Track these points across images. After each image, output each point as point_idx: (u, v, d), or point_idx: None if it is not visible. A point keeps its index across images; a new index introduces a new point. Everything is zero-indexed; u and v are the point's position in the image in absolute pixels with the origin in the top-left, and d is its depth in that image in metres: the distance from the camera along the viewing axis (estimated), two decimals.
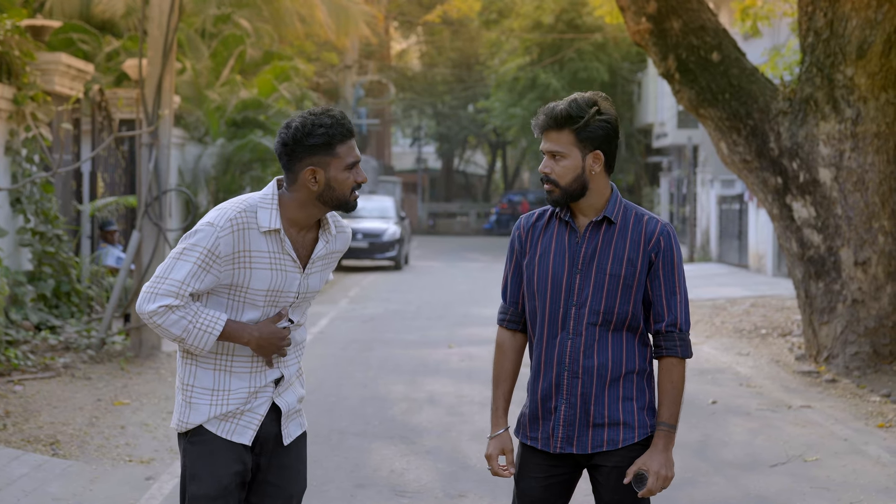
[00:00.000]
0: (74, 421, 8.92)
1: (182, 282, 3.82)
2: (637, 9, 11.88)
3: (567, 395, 3.93)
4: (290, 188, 3.93)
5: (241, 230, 3.85)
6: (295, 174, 3.89)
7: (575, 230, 3.96)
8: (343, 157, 3.87)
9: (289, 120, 3.91)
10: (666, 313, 3.93)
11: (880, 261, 11.30)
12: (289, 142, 3.86)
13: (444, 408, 9.88)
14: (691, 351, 3.96)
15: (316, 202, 3.91)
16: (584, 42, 39.87)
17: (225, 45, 22.22)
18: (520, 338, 4.10)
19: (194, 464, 3.95)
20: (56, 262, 13.05)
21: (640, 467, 3.87)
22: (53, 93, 13.69)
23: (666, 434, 3.90)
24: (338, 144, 3.86)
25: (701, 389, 10.84)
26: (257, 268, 3.88)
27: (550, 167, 3.90)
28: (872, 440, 8.61)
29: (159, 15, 11.87)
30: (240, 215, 3.86)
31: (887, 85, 11.19)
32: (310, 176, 3.86)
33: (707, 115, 11.93)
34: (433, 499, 7.02)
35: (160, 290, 3.82)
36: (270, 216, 3.89)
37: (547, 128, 3.90)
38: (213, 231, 3.83)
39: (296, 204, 3.91)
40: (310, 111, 3.89)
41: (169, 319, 3.82)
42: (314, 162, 3.86)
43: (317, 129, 3.83)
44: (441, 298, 20.41)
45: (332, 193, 3.89)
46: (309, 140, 3.83)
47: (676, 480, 7.41)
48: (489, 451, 4.03)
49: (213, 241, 3.82)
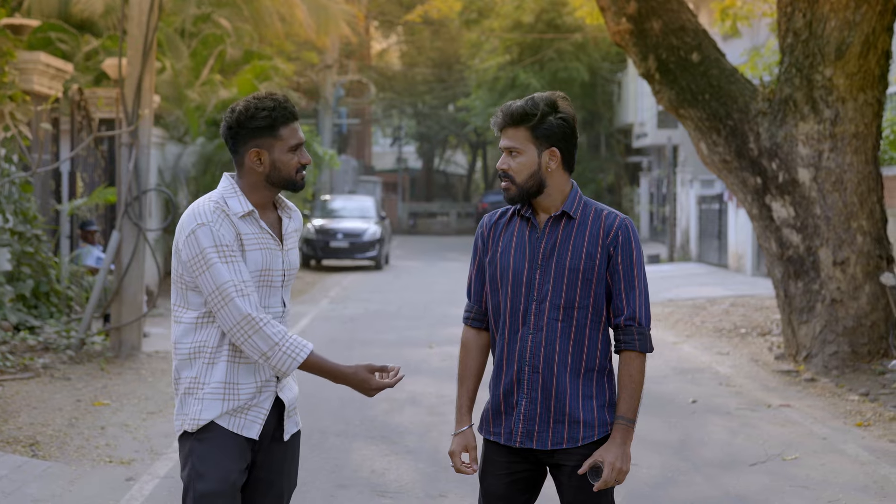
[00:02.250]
0: (54, 422, 8.89)
1: (243, 281, 3.92)
2: (617, 9, 11.91)
3: (528, 389, 3.96)
4: (239, 173, 4.04)
5: (226, 217, 3.94)
6: (241, 156, 3.99)
7: (535, 226, 4.00)
8: (286, 139, 3.98)
9: (233, 104, 4.01)
10: (625, 307, 3.95)
11: (859, 260, 11.36)
12: (233, 125, 3.96)
13: (424, 408, 9.88)
14: (651, 345, 3.98)
15: (265, 184, 4.01)
16: (564, 42, 39.92)
17: (205, 44, 22.16)
18: (484, 336, 4.14)
19: (203, 461, 3.94)
20: (35, 262, 12.99)
21: (596, 459, 3.89)
22: (32, 92, 13.64)
23: (624, 428, 3.93)
24: (281, 127, 3.96)
25: (680, 389, 10.87)
26: (250, 250, 3.97)
27: (507, 163, 3.96)
28: (851, 439, 8.66)
29: (139, 14, 11.84)
30: (216, 206, 3.95)
31: (865, 85, 11.25)
32: (255, 158, 3.97)
33: (687, 115, 11.97)
34: (414, 499, 7.02)
35: (244, 292, 3.90)
36: (240, 201, 3.99)
37: (505, 125, 3.96)
38: (207, 228, 3.90)
39: (249, 188, 4.01)
40: (253, 95, 3.98)
41: (268, 328, 3.91)
42: (258, 144, 3.96)
43: (260, 112, 3.93)
44: (421, 298, 20.41)
45: (278, 174, 3.99)
46: (252, 123, 3.94)
47: (656, 479, 7.45)
48: (452, 448, 4.07)
49: (215, 236, 3.90)
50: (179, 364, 4.05)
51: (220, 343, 3.98)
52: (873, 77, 11.26)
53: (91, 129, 15.57)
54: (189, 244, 3.92)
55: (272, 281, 4.04)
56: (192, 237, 3.91)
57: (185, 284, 3.99)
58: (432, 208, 58.06)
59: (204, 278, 3.90)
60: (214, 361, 3.99)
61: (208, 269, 3.88)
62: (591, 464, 3.89)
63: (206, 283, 3.90)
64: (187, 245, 3.92)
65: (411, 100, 57.10)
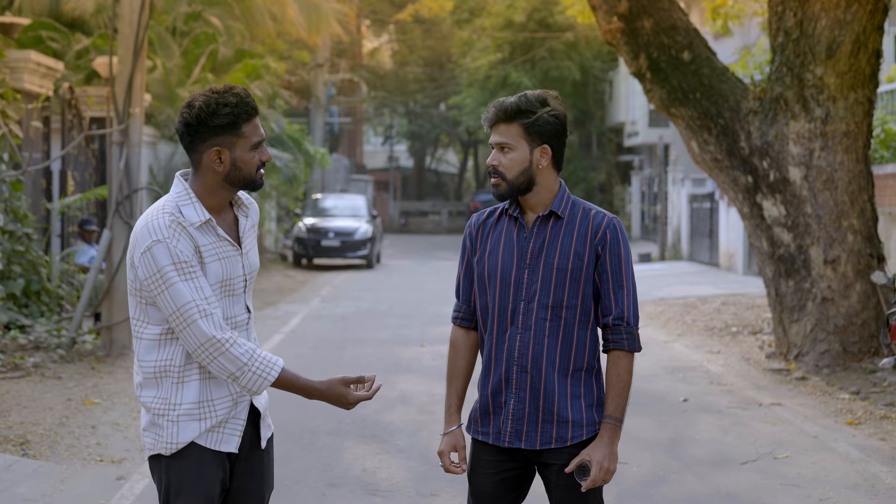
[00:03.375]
0: (45, 421, 8.87)
1: (205, 299, 3.70)
2: (608, 8, 11.92)
3: (516, 389, 3.96)
4: (195, 173, 3.79)
5: (183, 230, 3.70)
6: (199, 155, 3.75)
7: (523, 225, 3.99)
8: (248, 136, 3.75)
9: (190, 99, 3.75)
10: (613, 307, 3.95)
11: (849, 259, 11.38)
12: (192, 122, 3.71)
13: (415, 406, 9.88)
14: (639, 345, 3.99)
15: (223, 184, 3.78)
16: (555, 41, 39.95)
17: (196, 43, 22.14)
18: (473, 335, 4.14)
19: (180, 479, 3.79)
20: (26, 260, 12.96)
21: (583, 458, 3.89)
22: (23, 91, 13.61)
23: (612, 427, 3.93)
24: (243, 124, 3.72)
25: (672, 387, 10.88)
26: (209, 262, 3.75)
27: (498, 159, 3.94)
28: (841, 437, 8.67)
29: (130, 13, 11.82)
30: (171, 219, 3.70)
31: (856, 84, 11.27)
32: (215, 157, 3.73)
33: (678, 114, 11.98)
34: (405, 497, 7.02)
35: (207, 311, 3.68)
36: (195, 209, 3.75)
37: (497, 121, 3.94)
38: (163, 245, 3.67)
39: (205, 190, 3.78)
40: (211, 89, 3.73)
41: (235, 349, 3.69)
42: (219, 142, 3.72)
43: (222, 109, 3.68)
44: (413, 297, 20.41)
45: (239, 174, 3.76)
46: (214, 120, 3.69)
47: (647, 478, 7.46)
48: (441, 448, 4.07)
49: (172, 252, 3.67)
50: (144, 381, 3.82)
51: (188, 360, 3.78)
52: (864, 76, 11.28)
53: (82, 127, 15.55)
54: (145, 262, 3.68)
55: (234, 289, 3.83)
56: (147, 255, 3.67)
57: (144, 299, 3.76)
58: (424, 207, 58.06)
59: (163, 298, 3.67)
60: (184, 380, 3.78)
61: (167, 288, 3.65)
62: (578, 463, 3.89)
63: (165, 303, 3.68)
64: (143, 263, 3.69)
65: (403, 98, 57.10)
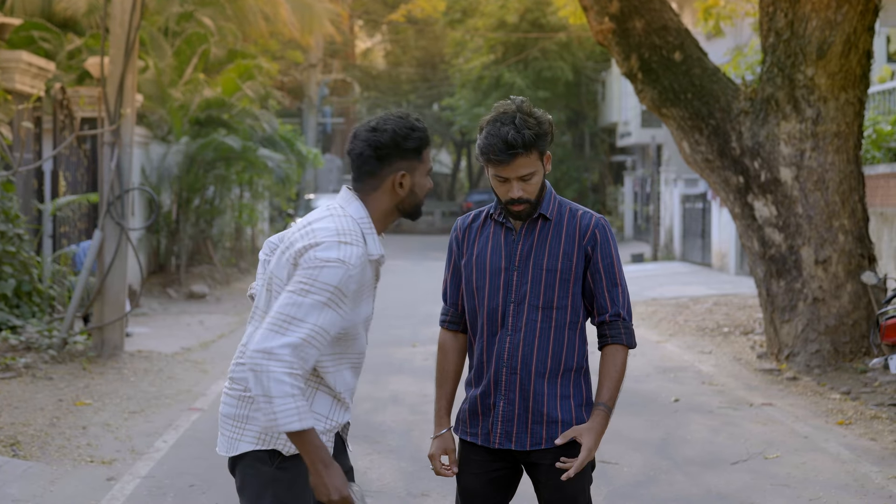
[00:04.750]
0: (35, 421, 8.86)
1: (316, 325, 3.49)
2: (600, 8, 11.92)
3: (506, 391, 3.97)
4: (369, 195, 3.69)
5: (365, 267, 3.61)
6: (381, 179, 3.67)
7: (511, 228, 4.01)
8: (427, 162, 3.74)
9: (374, 124, 3.70)
10: (609, 305, 3.99)
11: (840, 259, 11.40)
12: (384, 146, 3.65)
13: (407, 407, 9.88)
14: (635, 340, 4.03)
15: (394, 210, 3.72)
16: (548, 41, 39.97)
17: (188, 43, 22.11)
18: (461, 338, 4.16)
19: (285, 494, 3.63)
20: (17, 261, 12.93)
21: (575, 436, 3.89)
22: (14, 91, 13.59)
23: (605, 414, 3.96)
24: (425, 149, 3.73)
25: (663, 387, 10.89)
26: (366, 299, 3.67)
27: (523, 189, 3.92)
28: (832, 437, 8.69)
29: (121, 13, 11.80)
30: (363, 251, 3.58)
31: (847, 85, 11.29)
32: (399, 181, 3.67)
33: (669, 114, 11.99)
34: (396, 498, 7.02)
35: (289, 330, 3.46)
36: (375, 242, 3.66)
37: (517, 154, 3.88)
38: (345, 270, 3.52)
39: (378, 215, 3.70)
40: (394, 114, 3.72)
41: (282, 374, 3.43)
42: (404, 167, 3.68)
43: (412, 133, 3.67)
44: (405, 297, 20.40)
45: (413, 200, 3.73)
46: (406, 143, 3.66)
47: (638, 478, 7.47)
48: (432, 451, 4.07)
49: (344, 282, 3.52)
50: None
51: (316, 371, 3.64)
52: (855, 77, 11.30)
53: (73, 128, 15.53)
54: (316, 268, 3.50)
55: (369, 323, 3.74)
56: (324, 266, 3.50)
57: None
58: None
59: (294, 298, 3.48)
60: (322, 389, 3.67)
61: (309, 298, 3.48)
62: (570, 437, 3.90)
63: (291, 302, 3.48)
64: (312, 267, 3.51)
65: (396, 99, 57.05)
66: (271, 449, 3.63)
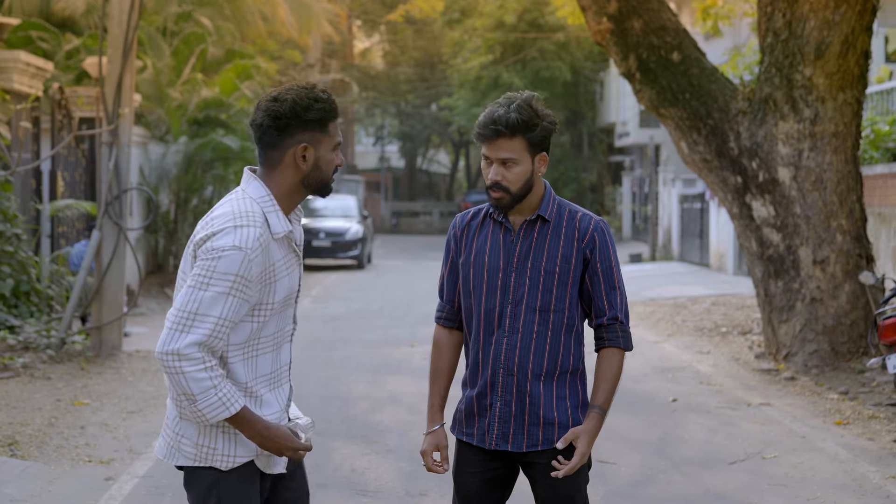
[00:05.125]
0: (33, 421, 8.86)
1: (220, 318, 3.45)
2: (598, 8, 11.93)
3: (502, 392, 3.97)
4: (272, 171, 3.60)
5: (266, 248, 3.52)
6: (282, 152, 3.57)
7: (510, 229, 4.00)
8: (333, 136, 3.62)
9: (275, 94, 3.60)
10: (607, 308, 3.98)
11: (838, 259, 11.40)
12: (283, 115, 3.54)
13: (405, 406, 9.88)
14: (632, 343, 4.03)
15: (299, 186, 3.61)
16: (546, 41, 39.98)
17: (186, 43, 22.11)
18: (456, 335, 4.15)
19: (229, 496, 3.57)
20: (15, 261, 12.94)
21: (573, 438, 3.90)
22: (12, 91, 13.59)
23: (600, 417, 3.95)
24: (330, 122, 3.61)
25: (661, 387, 10.90)
26: (280, 278, 3.59)
27: (502, 175, 3.90)
28: (830, 437, 8.69)
29: (119, 13, 11.81)
30: (260, 233, 3.50)
31: (845, 85, 11.29)
32: (301, 153, 3.57)
33: (667, 114, 12.00)
34: (394, 497, 7.03)
35: (194, 327, 3.43)
36: (279, 219, 3.57)
37: (499, 135, 3.87)
38: (243, 256, 3.46)
39: (282, 192, 3.60)
40: (298, 85, 3.61)
41: (197, 372, 3.42)
42: (307, 139, 3.57)
43: (314, 104, 3.55)
44: (403, 297, 20.41)
45: (319, 175, 3.61)
46: (307, 114, 3.54)
47: (636, 478, 7.47)
48: (424, 448, 4.07)
49: (244, 267, 3.46)
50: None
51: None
52: (853, 77, 11.30)
53: (71, 128, 15.53)
54: (213, 259, 3.46)
55: (292, 301, 3.69)
56: (220, 256, 3.45)
57: None
58: (415, 207, 58.02)
59: (194, 293, 3.45)
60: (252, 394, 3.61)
61: (208, 289, 3.44)
62: (569, 439, 3.90)
63: (191, 297, 3.45)
64: (210, 258, 3.47)
65: (394, 99, 57.05)
66: (209, 466, 3.59)
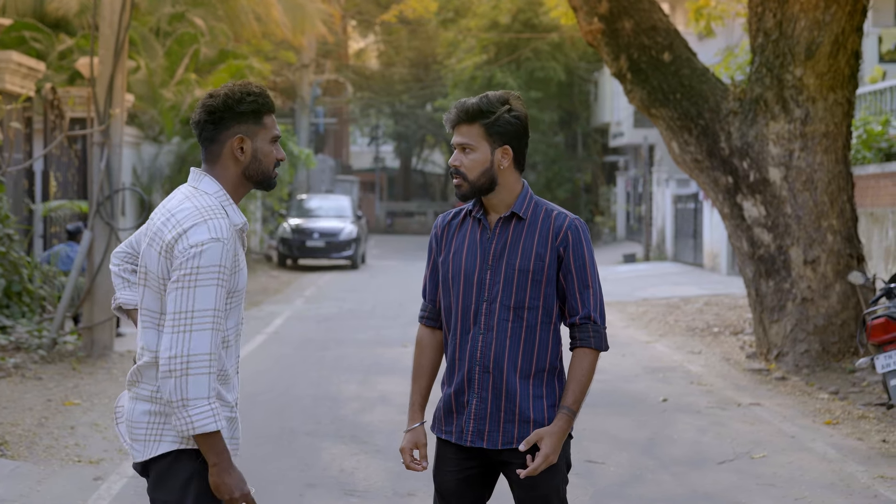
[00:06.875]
0: (24, 421, 8.86)
1: (216, 309, 3.53)
2: (589, 9, 11.94)
3: (479, 389, 3.98)
4: (214, 166, 3.71)
5: (235, 236, 3.65)
6: (220, 145, 3.68)
7: (486, 226, 4.02)
8: (269, 128, 3.72)
9: (211, 92, 3.73)
10: (580, 307, 3.97)
11: (829, 259, 11.42)
12: (217, 109, 3.66)
13: (395, 407, 9.88)
14: (606, 344, 4.01)
15: (242, 178, 3.71)
16: (540, 42, 39.98)
17: (179, 43, 22.12)
18: (439, 335, 4.17)
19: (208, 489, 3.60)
20: (7, 261, 12.93)
21: (537, 440, 3.89)
22: (4, 91, 13.59)
23: (568, 418, 3.94)
24: (265, 115, 3.71)
25: (651, 387, 10.91)
26: (241, 268, 3.68)
27: (460, 160, 3.96)
28: (819, 437, 8.71)
29: (110, 13, 11.81)
30: (229, 222, 3.62)
31: (835, 85, 11.31)
32: (237, 145, 3.67)
33: (658, 114, 12.01)
34: (382, 497, 7.03)
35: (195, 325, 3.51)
36: (235, 211, 3.69)
37: (458, 121, 3.96)
38: (222, 246, 3.55)
39: (228, 186, 3.70)
40: (232, 82, 3.74)
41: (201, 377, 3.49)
42: (242, 130, 3.68)
43: (246, 97, 3.67)
44: (397, 298, 20.42)
45: (258, 167, 3.71)
46: (239, 107, 3.66)
47: (624, 478, 7.49)
48: (403, 445, 4.09)
49: (224, 256, 3.56)
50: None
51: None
52: (843, 77, 11.32)
53: (63, 128, 15.53)
54: (194, 256, 3.52)
55: (242, 298, 3.75)
56: (201, 251, 3.52)
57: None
58: (410, 208, 58.04)
59: (183, 294, 3.50)
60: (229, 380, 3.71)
61: (197, 287, 3.50)
62: (532, 441, 3.89)
63: (182, 299, 3.50)
64: (188, 255, 3.51)
65: (389, 99, 57.04)
66: (194, 448, 3.61)
